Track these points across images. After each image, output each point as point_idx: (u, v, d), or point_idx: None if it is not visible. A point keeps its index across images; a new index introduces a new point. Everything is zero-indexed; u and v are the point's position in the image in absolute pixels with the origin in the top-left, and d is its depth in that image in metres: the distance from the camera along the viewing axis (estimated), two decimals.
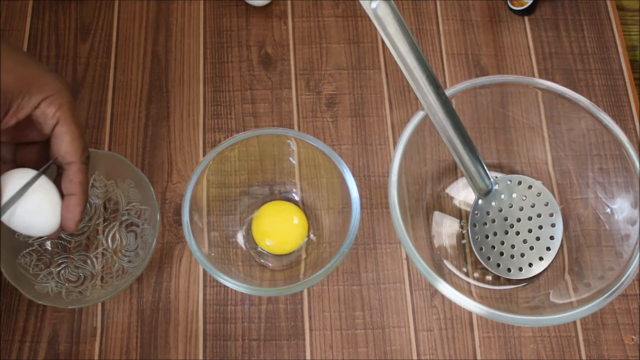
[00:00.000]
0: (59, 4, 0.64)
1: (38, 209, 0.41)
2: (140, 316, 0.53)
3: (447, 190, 0.57)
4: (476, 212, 0.53)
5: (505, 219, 0.53)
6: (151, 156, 0.58)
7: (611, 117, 0.49)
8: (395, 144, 0.55)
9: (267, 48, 0.62)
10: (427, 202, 0.56)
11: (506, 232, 0.53)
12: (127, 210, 0.55)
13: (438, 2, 0.65)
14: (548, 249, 0.53)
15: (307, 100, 0.60)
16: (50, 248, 0.54)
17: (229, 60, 0.62)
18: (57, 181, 0.42)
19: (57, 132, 0.39)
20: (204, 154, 0.58)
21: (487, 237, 0.53)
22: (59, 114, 0.39)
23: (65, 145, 0.39)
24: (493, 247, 0.53)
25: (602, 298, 0.44)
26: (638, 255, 0.45)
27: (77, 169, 0.40)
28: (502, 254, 0.53)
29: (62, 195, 0.42)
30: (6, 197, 0.40)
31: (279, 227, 0.54)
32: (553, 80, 0.61)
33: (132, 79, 0.61)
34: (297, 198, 0.56)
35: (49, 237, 0.53)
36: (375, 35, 0.63)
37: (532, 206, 0.53)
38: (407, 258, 0.55)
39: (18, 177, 0.40)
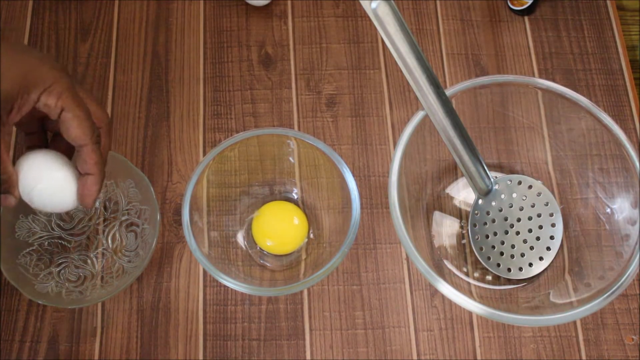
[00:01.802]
0: (59, 4, 0.64)
1: (57, 186, 0.42)
2: (140, 316, 0.53)
3: (447, 190, 0.57)
4: (476, 212, 0.53)
5: (505, 219, 0.53)
6: (151, 156, 0.58)
7: (611, 117, 0.49)
8: (395, 144, 0.55)
9: (267, 48, 0.62)
10: (427, 202, 0.56)
11: (506, 232, 0.53)
12: (127, 210, 0.55)
13: (438, 2, 0.65)
14: (548, 248, 0.53)
15: (307, 100, 0.60)
16: (50, 248, 0.54)
17: (229, 60, 0.62)
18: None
19: (64, 119, 0.40)
20: (204, 154, 0.58)
21: (487, 237, 0.53)
22: (61, 103, 0.39)
23: (73, 130, 0.40)
24: (493, 247, 0.53)
25: (602, 298, 0.44)
26: (638, 255, 0.45)
27: (90, 150, 0.41)
28: (502, 253, 0.53)
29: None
30: (24, 179, 0.41)
31: (279, 228, 0.54)
32: (553, 80, 0.61)
33: (132, 79, 0.61)
34: (297, 198, 0.56)
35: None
36: (375, 35, 0.63)
37: (532, 206, 0.53)
38: (407, 258, 0.55)
39: (35, 159, 0.42)
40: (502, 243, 0.53)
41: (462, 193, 0.56)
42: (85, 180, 0.42)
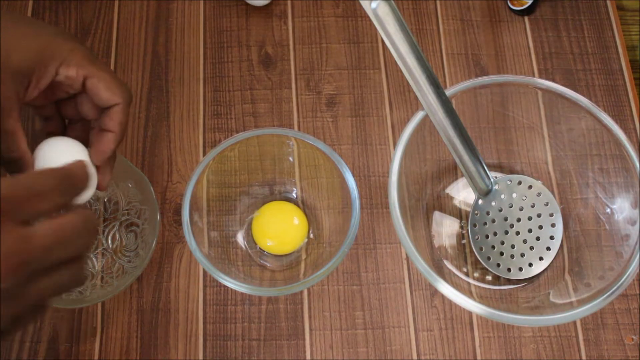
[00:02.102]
0: (59, 4, 0.64)
1: None
2: (140, 316, 0.53)
3: (447, 190, 0.57)
4: (476, 212, 0.53)
5: (505, 219, 0.53)
6: (151, 156, 0.58)
7: (611, 117, 0.49)
8: (395, 144, 0.55)
9: (267, 48, 0.62)
10: (427, 202, 0.56)
11: (506, 232, 0.53)
12: (127, 210, 0.55)
13: (438, 2, 0.65)
14: (548, 249, 0.53)
15: (307, 100, 0.60)
16: None
17: (229, 60, 0.62)
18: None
19: (90, 86, 0.40)
20: (204, 154, 0.58)
21: (487, 237, 0.53)
22: (82, 72, 0.39)
23: (103, 92, 0.40)
24: (493, 247, 0.53)
25: (602, 298, 0.44)
26: (638, 255, 0.45)
27: (118, 109, 0.41)
28: (502, 254, 0.53)
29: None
30: (40, 163, 0.40)
31: (279, 228, 0.54)
32: (553, 80, 0.61)
33: (132, 79, 0.61)
34: (297, 198, 0.56)
35: None
36: (375, 35, 0.63)
37: (532, 206, 0.53)
38: (407, 258, 0.55)
39: (55, 144, 0.41)
40: (502, 243, 0.53)
41: (462, 193, 0.56)
42: (103, 136, 0.41)
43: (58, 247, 0.32)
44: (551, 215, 0.53)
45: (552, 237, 0.53)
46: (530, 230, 0.53)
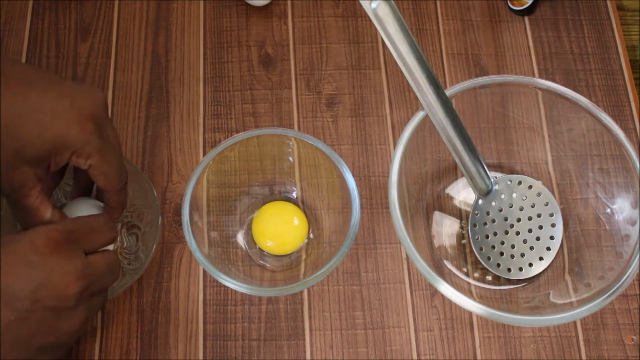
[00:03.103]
0: (59, 4, 0.64)
1: None
2: (140, 316, 0.53)
3: (447, 190, 0.57)
4: (476, 212, 0.53)
5: (505, 219, 0.53)
6: (151, 156, 0.58)
7: (611, 117, 0.49)
8: (395, 144, 0.55)
9: (267, 48, 0.62)
10: (427, 202, 0.56)
11: (506, 232, 0.53)
12: (129, 212, 0.55)
13: (438, 2, 0.65)
14: (548, 249, 0.53)
15: (307, 100, 0.60)
16: None
17: (229, 60, 0.62)
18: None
19: (92, 174, 0.45)
20: (204, 154, 0.58)
21: (487, 237, 0.53)
22: (90, 162, 0.43)
23: (100, 181, 0.45)
24: (493, 247, 0.53)
25: (602, 298, 0.44)
26: (638, 256, 0.45)
27: (112, 194, 0.47)
28: (502, 254, 0.53)
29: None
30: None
31: (279, 228, 0.54)
32: (553, 80, 0.61)
33: (132, 79, 0.61)
34: (297, 198, 0.56)
35: None
36: (375, 35, 0.63)
37: (532, 206, 0.53)
38: (407, 258, 0.55)
39: (78, 206, 0.47)
40: (502, 243, 0.53)
41: (462, 193, 0.56)
42: (109, 211, 0.48)
43: (108, 274, 0.43)
44: (551, 215, 0.53)
45: (552, 237, 0.53)
46: (530, 230, 0.53)
